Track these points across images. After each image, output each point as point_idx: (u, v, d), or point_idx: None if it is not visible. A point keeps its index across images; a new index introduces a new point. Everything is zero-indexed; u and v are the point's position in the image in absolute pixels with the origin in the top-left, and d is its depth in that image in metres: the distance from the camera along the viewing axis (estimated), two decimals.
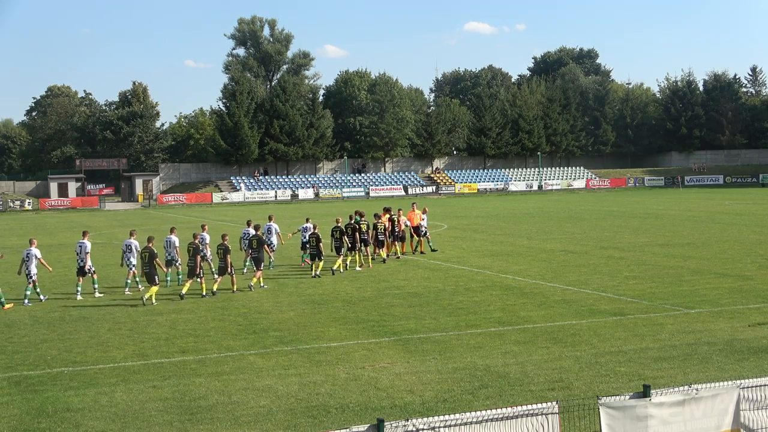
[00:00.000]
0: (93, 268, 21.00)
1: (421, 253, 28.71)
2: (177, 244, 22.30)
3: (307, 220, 26.29)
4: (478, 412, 7.14)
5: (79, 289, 20.71)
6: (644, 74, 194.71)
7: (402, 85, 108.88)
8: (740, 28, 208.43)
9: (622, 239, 32.18)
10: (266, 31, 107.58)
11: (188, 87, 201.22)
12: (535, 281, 21.50)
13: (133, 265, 21.31)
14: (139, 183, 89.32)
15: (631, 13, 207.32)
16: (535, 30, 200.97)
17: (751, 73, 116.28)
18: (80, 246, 21.05)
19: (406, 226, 28.74)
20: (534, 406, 7.35)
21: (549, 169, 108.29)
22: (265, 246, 22.58)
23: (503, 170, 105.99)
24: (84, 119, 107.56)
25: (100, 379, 12.57)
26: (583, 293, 19.37)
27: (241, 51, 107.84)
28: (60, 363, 13.64)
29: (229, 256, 20.72)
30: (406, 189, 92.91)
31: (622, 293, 19.14)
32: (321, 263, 23.42)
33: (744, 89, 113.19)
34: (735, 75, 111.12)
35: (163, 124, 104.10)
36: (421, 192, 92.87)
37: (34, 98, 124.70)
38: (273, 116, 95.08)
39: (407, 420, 6.93)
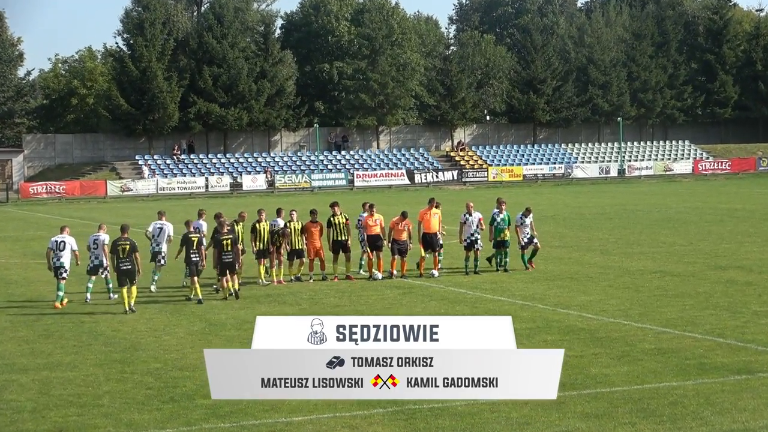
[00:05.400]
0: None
1: (420, 275, 28.95)
2: (106, 242, 25.71)
3: (201, 215, 28.70)
4: None
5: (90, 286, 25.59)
6: None
7: (406, 13, 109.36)
8: None
9: (751, 254, 32.23)
10: None
11: (69, 15, 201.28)
12: (614, 320, 21.54)
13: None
14: None
15: None
16: None
17: None
18: (95, 240, 25.64)
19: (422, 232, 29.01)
20: None
21: (635, 144, 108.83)
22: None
23: (564, 146, 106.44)
24: None
25: None
26: (688, 338, 19.41)
27: None
28: None
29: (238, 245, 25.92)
30: (411, 176, 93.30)
31: (750, 339, 19.21)
32: (237, 278, 26.05)
33: None
34: None
35: (29, 73, 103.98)
36: (435, 180, 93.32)
37: None
38: (202, 60, 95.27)
39: None
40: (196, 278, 25.63)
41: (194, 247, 25.90)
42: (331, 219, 28.86)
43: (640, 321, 21.31)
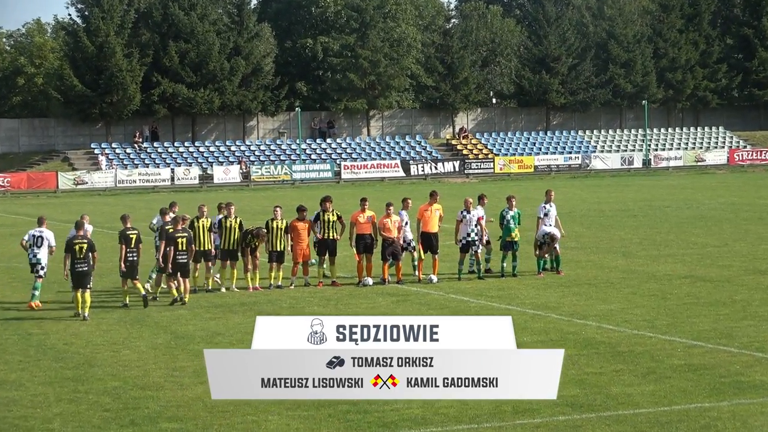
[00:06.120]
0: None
1: (418, 280, 28.88)
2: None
3: (221, 209, 29.04)
4: None
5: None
6: None
7: None
8: None
9: None
10: None
11: None
12: (638, 332, 21.58)
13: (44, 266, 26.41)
14: None
15: None
16: None
17: None
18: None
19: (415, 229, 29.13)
20: None
21: (662, 131, 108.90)
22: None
23: (581, 133, 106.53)
24: None
25: None
26: (722, 353, 19.44)
27: None
28: None
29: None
30: (406, 166, 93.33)
31: None
32: (187, 282, 26.65)
33: None
34: None
35: None
36: (434, 171, 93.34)
37: None
38: (167, 35, 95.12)
39: None
40: (173, 281, 26.32)
41: (182, 248, 26.31)
42: (320, 214, 28.84)
43: (667, 333, 21.33)
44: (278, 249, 28.44)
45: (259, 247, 28.45)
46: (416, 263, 29.53)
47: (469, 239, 29.14)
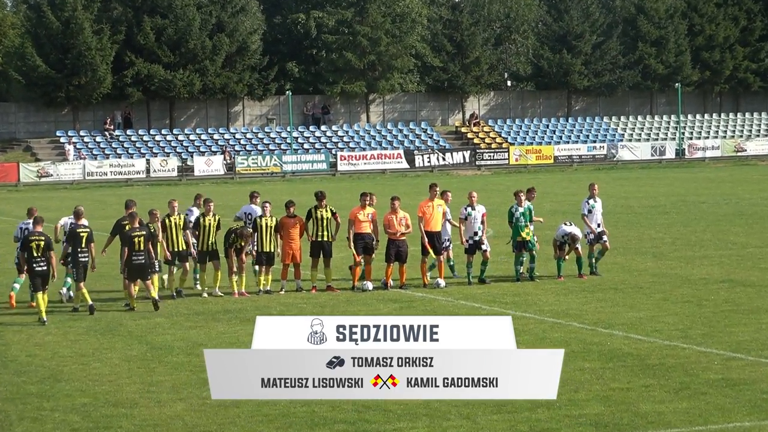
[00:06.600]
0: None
1: (428, 283, 28.91)
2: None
3: (253, 198, 30.57)
4: None
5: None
6: None
7: None
8: None
9: None
10: None
11: None
12: (670, 342, 21.60)
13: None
14: None
15: None
16: None
17: None
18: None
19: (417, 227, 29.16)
20: None
21: (698, 117, 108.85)
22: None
23: (606, 120, 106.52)
24: None
25: None
26: (764, 366, 19.48)
27: None
28: None
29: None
30: (410, 157, 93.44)
31: None
32: (156, 282, 27.52)
33: None
34: None
35: None
36: (441, 163, 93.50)
37: None
38: (142, 9, 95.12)
39: None
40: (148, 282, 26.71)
41: (139, 248, 26.52)
42: (313, 211, 28.84)
43: (703, 344, 21.32)
44: (267, 250, 28.45)
45: (245, 247, 28.46)
46: (421, 267, 29.58)
47: (476, 239, 29.17)
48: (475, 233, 29.14)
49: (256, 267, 28.98)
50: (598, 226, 30.14)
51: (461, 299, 27.39)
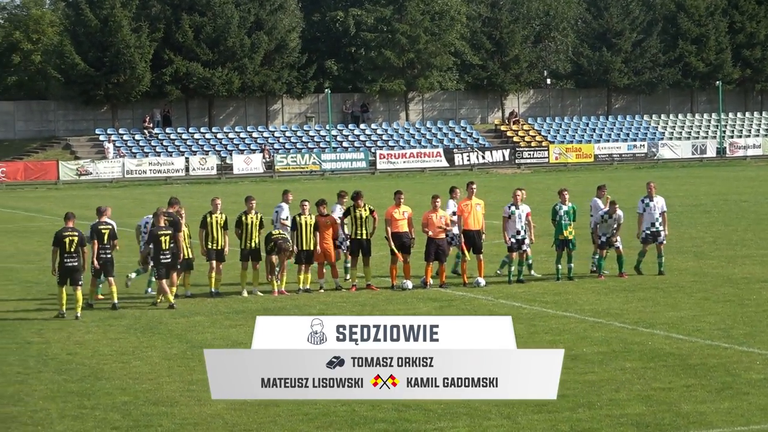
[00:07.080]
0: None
1: (464, 284, 29.09)
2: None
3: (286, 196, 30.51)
4: None
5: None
6: None
7: None
8: None
9: None
10: None
11: None
12: (712, 342, 21.51)
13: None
14: None
15: None
16: None
17: None
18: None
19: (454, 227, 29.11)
20: None
21: (739, 116, 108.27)
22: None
23: (646, 118, 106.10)
24: None
25: None
26: None
27: None
28: None
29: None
30: (450, 156, 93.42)
31: None
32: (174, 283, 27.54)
33: None
34: None
35: None
36: (481, 161, 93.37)
37: None
38: (180, 7, 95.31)
39: None
40: (164, 281, 26.89)
41: (165, 246, 26.80)
42: (351, 210, 29.04)
43: (745, 344, 21.23)
44: (307, 248, 28.50)
45: (284, 255, 28.41)
46: (460, 265, 29.58)
47: (519, 237, 29.09)
48: (518, 231, 29.07)
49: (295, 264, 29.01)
50: (652, 225, 29.99)
51: (501, 298, 27.37)
